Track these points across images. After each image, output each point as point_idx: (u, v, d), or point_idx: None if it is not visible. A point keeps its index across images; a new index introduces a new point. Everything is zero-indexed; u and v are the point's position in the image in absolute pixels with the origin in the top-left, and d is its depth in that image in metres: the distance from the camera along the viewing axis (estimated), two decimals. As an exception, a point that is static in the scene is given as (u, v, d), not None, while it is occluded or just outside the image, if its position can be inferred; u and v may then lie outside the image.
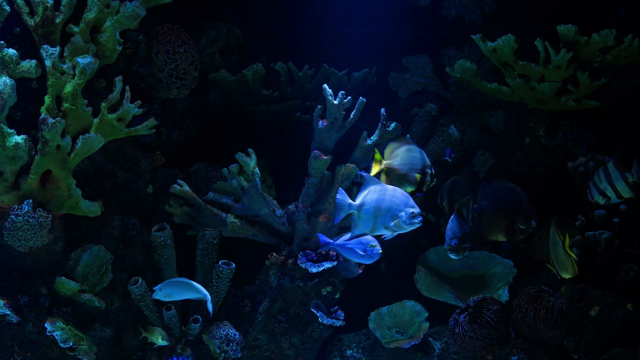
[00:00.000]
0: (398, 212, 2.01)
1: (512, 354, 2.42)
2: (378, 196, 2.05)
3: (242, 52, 3.14)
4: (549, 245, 2.43)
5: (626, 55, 2.37)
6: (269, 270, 2.73)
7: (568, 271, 2.36)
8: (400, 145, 2.30)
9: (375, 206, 2.04)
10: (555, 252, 2.39)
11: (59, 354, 2.23)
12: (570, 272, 2.36)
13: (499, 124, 3.17)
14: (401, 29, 3.38)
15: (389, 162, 2.27)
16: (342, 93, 2.45)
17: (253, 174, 2.55)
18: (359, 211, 2.07)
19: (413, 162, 2.27)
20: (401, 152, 2.29)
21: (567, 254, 2.33)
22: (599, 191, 2.33)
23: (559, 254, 2.36)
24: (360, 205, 2.06)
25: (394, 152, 2.30)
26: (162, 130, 2.77)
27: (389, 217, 2.03)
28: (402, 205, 2.02)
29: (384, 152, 2.33)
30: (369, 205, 2.05)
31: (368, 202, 2.05)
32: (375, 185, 2.07)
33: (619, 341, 2.34)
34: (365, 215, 2.06)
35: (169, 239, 2.46)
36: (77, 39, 2.11)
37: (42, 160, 2.02)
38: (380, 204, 2.04)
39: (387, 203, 2.03)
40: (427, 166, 2.28)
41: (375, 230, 2.08)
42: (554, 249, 2.40)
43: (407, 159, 2.27)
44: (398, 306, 2.84)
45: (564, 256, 2.34)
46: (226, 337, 2.51)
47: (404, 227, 2.04)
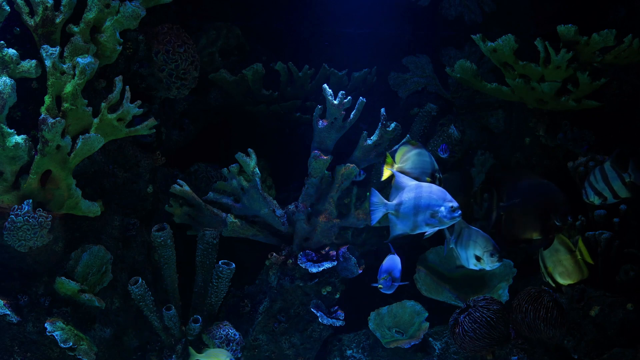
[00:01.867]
0: (437, 207, 2.01)
1: (512, 354, 2.42)
2: (415, 193, 2.04)
3: (242, 52, 3.14)
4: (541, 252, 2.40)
5: (626, 55, 2.37)
6: (269, 270, 2.73)
7: (572, 277, 2.34)
8: (411, 149, 2.32)
9: (414, 204, 2.04)
10: (556, 257, 2.36)
11: (59, 354, 2.23)
12: (574, 278, 2.34)
13: (499, 124, 3.17)
14: (401, 29, 3.38)
15: (401, 166, 2.28)
16: (342, 93, 2.46)
17: (253, 174, 2.55)
18: (396, 211, 2.06)
19: (424, 166, 2.29)
20: (412, 156, 2.30)
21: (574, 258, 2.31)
22: (595, 191, 2.32)
23: (562, 260, 2.34)
24: (398, 205, 2.05)
25: (405, 155, 2.31)
26: (162, 130, 2.77)
27: (429, 214, 2.02)
28: (441, 200, 2.02)
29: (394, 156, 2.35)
30: (408, 204, 2.04)
31: (406, 200, 2.04)
32: (410, 184, 2.07)
33: (619, 341, 2.34)
34: (404, 215, 2.05)
35: (169, 239, 2.46)
36: (77, 39, 2.11)
37: (42, 160, 2.02)
38: (419, 201, 2.03)
39: (426, 200, 2.03)
40: (436, 170, 2.30)
41: (416, 229, 2.08)
42: (552, 255, 2.37)
43: (418, 162, 2.29)
44: (398, 306, 2.84)
45: (569, 262, 2.33)
46: (226, 337, 2.51)
47: (445, 222, 2.04)
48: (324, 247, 2.71)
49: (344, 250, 2.71)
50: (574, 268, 2.32)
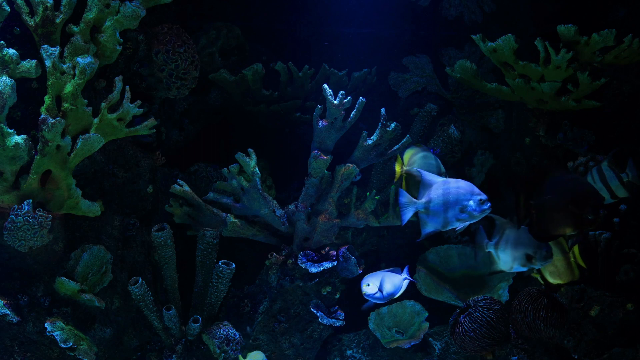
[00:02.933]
0: (467, 201, 2.02)
1: (512, 354, 2.42)
2: (443, 190, 2.05)
3: (242, 52, 3.14)
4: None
5: (626, 55, 2.37)
6: (269, 270, 2.73)
7: (562, 277, 2.34)
8: (417, 152, 2.33)
9: (443, 200, 2.04)
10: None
11: (59, 354, 2.23)
12: (564, 279, 2.35)
13: (499, 124, 3.17)
14: (401, 29, 3.38)
15: (409, 169, 2.29)
16: (342, 93, 2.46)
17: (253, 174, 2.55)
18: (426, 209, 2.06)
19: (429, 169, 2.30)
20: (418, 158, 2.32)
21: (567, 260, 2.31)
22: None
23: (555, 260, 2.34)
24: (427, 203, 2.05)
25: (412, 158, 2.33)
26: (162, 130, 2.77)
27: (459, 209, 2.03)
28: (469, 194, 2.03)
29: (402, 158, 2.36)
30: (437, 201, 2.05)
31: (434, 197, 2.05)
32: (436, 180, 2.08)
33: (619, 341, 2.34)
34: (434, 212, 2.06)
35: (169, 239, 2.46)
36: (77, 39, 2.11)
37: (42, 160, 2.02)
38: (448, 197, 2.04)
39: (454, 195, 2.04)
40: (442, 173, 2.30)
41: (447, 225, 2.09)
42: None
43: (424, 165, 2.31)
44: (398, 306, 2.84)
45: (562, 263, 2.33)
46: (226, 337, 2.51)
47: (476, 216, 2.05)
48: (324, 247, 2.71)
49: (344, 250, 2.71)
50: (566, 269, 2.32)
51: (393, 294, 2.48)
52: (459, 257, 3.01)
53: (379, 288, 2.45)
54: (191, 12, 3.03)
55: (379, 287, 2.45)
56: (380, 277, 2.48)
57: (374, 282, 2.48)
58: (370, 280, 2.50)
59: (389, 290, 2.46)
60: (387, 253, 3.24)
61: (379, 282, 2.45)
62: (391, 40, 3.39)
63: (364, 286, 2.49)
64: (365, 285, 2.49)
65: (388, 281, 2.47)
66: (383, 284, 2.44)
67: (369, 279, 2.51)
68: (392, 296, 2.49)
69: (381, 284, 2.44)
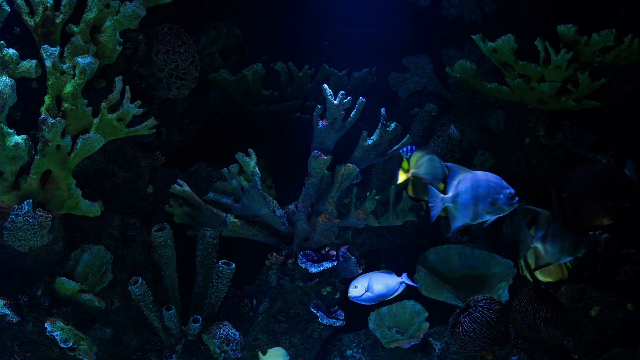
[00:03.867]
0: (497, 195, 2.02)
1: (512, 354, 2.42)
2: (472, 183, 2.05)
3: (242, 52, 3.14)
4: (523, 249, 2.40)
5: (626, 55, 2.37)
6: (269, 270, 2.73)
7: (551, 276, 2.34)
8: (423, 155, 2.33)
9: (472, 194, 2.04)
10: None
11: (59, 354, 2.23)
12: (553, 277, 2.35)
13: (499, 124, 3.17)
14: (401, 29, 3.38)
15: (416, 172, 2.29)
16: (342, 93, 2.46)
17: (253, 174, 2.55)
18: (454, 203, 2.05)
19: (435, 172, 2.31)
20: (425, 161, 2.32)
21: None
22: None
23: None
24: (455, 197, 2.05)
25: (419, 161, 2.33)
26: (162, 130, 2.77)
27: (489, 202, 2.02)
28: (499, 188, 2.03)
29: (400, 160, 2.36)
30: (466, 194, 2.05)
31: (463, 191, 2.05)
32: (464, 174, 2.07)
33: (619, 341, 2.34)
34: (463, 205, 2.05)
35: (169, 239, 2.46)
36: (77, 39, 2.11)
37: (42, 160, 2.02)
38: (477, 190, 2.04)
39: (484, 188, 2.04)
40: (445, 176, 2.31)
41: (477, 218, 2.08)
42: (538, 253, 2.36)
43: (430, 168, 2.31)
44: (398, 306, 2.84)
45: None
46: (226, 337, 2.51)
47: (505, 209, 2.05)
48: (324, 247, 2.71)
49: (344, 250, 2.71)
50: (556, 268, 2.32)
51: (384, 294, 2.44)
52: (459, 257, 3.01)
53: (367, 289, 2.42)
54: (191, 12, 3.03)
55: (367, 288, 2.42)
56: (368, 278, 2.46)
57: (362, 283, 2.45)
58: (358, 282, 2.46)
59: (380, 290, 2.43)
60: (387, 253, 3.24)
61: (367, 283, 2.43)
62: (391, 40, 3.39)
63: (351, 289, 2.44)
64: (353, 287, 2.45)
65: (378, 281, 2.45)
66: (371, 285, 2.41)
67: (356, 281, 2.47)
68: (383, 297, 2.46)
69: (369, 284, 2.41)
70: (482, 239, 3.15)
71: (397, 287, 2.47)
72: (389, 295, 2.45)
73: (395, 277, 2.50)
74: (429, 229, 3.24)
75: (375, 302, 2.48)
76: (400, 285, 2.48)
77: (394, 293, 2.46)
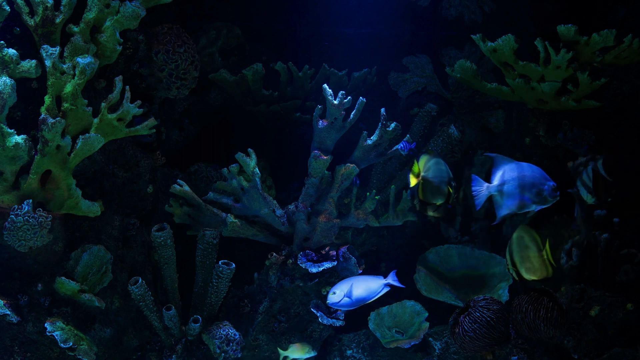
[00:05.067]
0: (542, 185, 2.03)
1: (512, 354, 2.42)
2: (518, 172, 2.06)
3: (242, 52, 3.14)
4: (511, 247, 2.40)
5: (626, 55, 2.37)
6: (269, 270, 2.73)
7: (536, 274, 2.35)
8: (430, 159, 2.34)
9: (519, 183, 2.05)
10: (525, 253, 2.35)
11: (59, 354, 2.23)
12: (538, 275, 2.35)
13: (499, 124, 3.17)
14: (401, 29, 3.38)
15: (425, 175, 2.31)
16: (342, 93, 2.46)
17: (253, 174, 2.55)
18: (500, 192, 2.06)
19: (442, 175, 2.32)
20: (432, 164, 2.33)
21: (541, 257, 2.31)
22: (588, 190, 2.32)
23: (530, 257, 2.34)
24: (501, 185, 2.05)
25: (427, 164, 2.34)
26: (162, 130, 2.77)
27: (535, 192, 2.03)
28: (543, 179, 2.05)
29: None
30: (512, 183, 2.06)
31: (509, 180, 2.06)
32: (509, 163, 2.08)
33: (619, 341, 2.34)
34: (510, 194, 2.06)
35: (169, 239, 2.46)
36: (77, 39, 2.11)
37: (42, 160, 2.02)
38: (523, 180, 2.05)
39: (530, 178, 2.05)
40: (450, 179, 2.33)
41: (523, 207, 2.09)
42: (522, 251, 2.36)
43: (437, 172, 2.33)
44: (398, 306, 2.84)
45: (537, 259, 2.33)
46: (226, 337, 2.51)
47: (549, 200, 2.06)
48: (324, 247, 2.71)
49: (344, 250, 2.71)
50: (540, 266, 2.32)
51: (364, 299, 2.41)
52: (459, 257, 3.01)
53: (346, 294, 2.39)
54: (191, 12, 3.03)
55: (346, 294, 2.39)
56: (350, 283, 2.41)
57: (341, 288, 2.41)
58: (338, 287, 2.42)
59: (360, 295, 2.40)
60: (387, 253, 3.24)
61: (348, 288, 2.40)
62: (391, 40, 3.39)
63: (330, 294, 2.41)
64: (331, 293, 2.41)
65: (359, 286, 2.41)
66: (352, 290, 2.39)
67: (336, 287, 2.43)
68: (363, 301, 2.41)
69: (350, 290, 2.39)
70: (482, 239, 3.15)
71: (380, 290, 2.44)
72: (370, 299, 2.43)
73: (378, 280, 2.46)
74: (429, 229, 3.24)
75: (355, 307, 2.45)
76: (384, 288, 2.45)
77: (376, 296, 2.44)
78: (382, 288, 2.44)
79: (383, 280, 2.45)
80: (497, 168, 2.10)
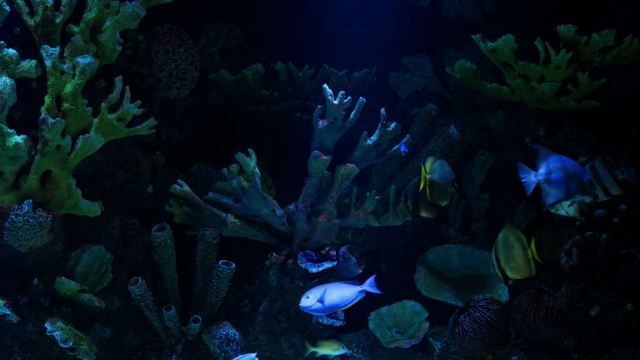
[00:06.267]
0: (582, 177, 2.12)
1: (512, 354, 2.42)
2: (561, 164, 2.13)
3: (242, 52, 3.14)
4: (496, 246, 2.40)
5: (626, 55, 2.37)
6: (269, 270, 2.73)
7: (520, 273, 2.34)
8: (435, 161, 2.37)
9: (564, 172, 2.11)
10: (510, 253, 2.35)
11: (59, 354, 2.23)
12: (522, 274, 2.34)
13: (499, 124, 3.17)
14: (401, 29, 3.38)
15: (432, 177, 2.33)
16: (342, 93, 2.45)
17: (253, 174, 2.55)
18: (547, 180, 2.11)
19: (446, 177, 2.34)
20: (437, 166, 2.36)
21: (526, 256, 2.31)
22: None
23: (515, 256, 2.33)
24: (548, 174, 2.11)
25: (432, 167, 2.37)
26: (162, 130, 2.77)
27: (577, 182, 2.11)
28: (582, 171, 2.14)
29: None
30: (558, 172, 2.12)
31: (555, 168, 2.12)
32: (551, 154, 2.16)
33: (619, 341, 2.34)
34: (557, 182, 2.12)
35: (169, 239, 2.46)
36: (77, 39, 2.11)
37: (42, 160, 2.02)
38: (567, 170, 2.12)
39: (572, 169, 2.13)
40: (453, 180, 2.35)
41: (569, 197, 2.15)
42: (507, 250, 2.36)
43: (442, 173, 2.35)
44: (398, 306, 2.84)
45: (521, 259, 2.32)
46: (226, 337, 2.51)
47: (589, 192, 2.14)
48: (324, 247, 2.71)
49: (344, 250, 2.71)
50: (525, 265, 2.32)
51: (338, 305, 2.37)
52: (459, 257, 3.02)
53: (319, 299, 2.36)
54: (191, 12, 3.03)
55: (319, 299, 2.36)
56: (324, 288, 2.37)
57: (314, 293, 2.37)
58: (312, 292, 2.38)
59: (333, 301, 2.36)
60: (387, 253, 3.24)
61: (321, 293, 2.35)
62: (391, 40, 3.39)
63: (303, 299, 2.37)
64: (304, 297, 2.37)
65: (333, 292, 2.37)
66: (325, 295, 2.36)
67: (310, 291, 2.39)
68: (336, 308, 2.37)
69: (323, 295, 2.36)
70: (482, 239, 3.16)
71: (355, 297, 2.41)
72: (344, 305, 2.41)
73: (353, 287, 2.40)
74: (429, 229, 3.24)
75: (326, 312, 2.42)
76: (359, 295, 2.41)
77: (350, 303, 2.42)
78: (356, 295, 2.39)
79: (359, 287, 2.40)
80: (542, 159, 2.17)
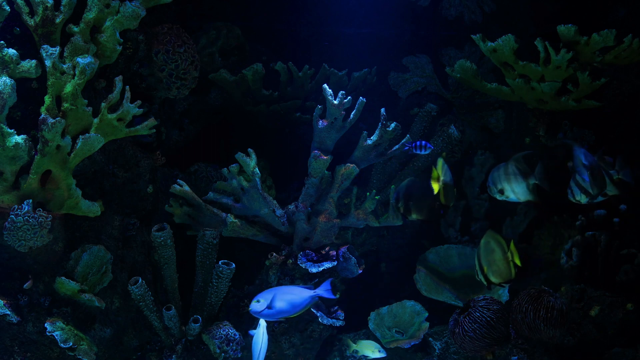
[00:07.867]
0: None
1: (512, 354, 2.42)
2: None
3: (242, 52, 3.14)
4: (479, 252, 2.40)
5: (626, 55, 2.37)
6: (269, 270, 2.73)
7: (502, 276, 2.35)
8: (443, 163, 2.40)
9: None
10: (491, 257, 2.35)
11: (59, 354, 2.23)
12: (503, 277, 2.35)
13: (499, 124, 3.17)
14: (401, 29, 3.38)
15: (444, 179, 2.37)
16: (342, 93, 2.46)
17: (253, 174, 2.55)
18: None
19: (449, 177, 2.36)
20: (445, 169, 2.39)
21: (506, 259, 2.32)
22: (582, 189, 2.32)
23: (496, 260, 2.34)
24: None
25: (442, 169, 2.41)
26: (162, 130, 2.77)
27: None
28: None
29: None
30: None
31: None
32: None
33: (619, 341, 2.35)
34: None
35: (169, 239, 2.46)
36: (77, 39, 2.11)
37: (42, 160, 2.02)
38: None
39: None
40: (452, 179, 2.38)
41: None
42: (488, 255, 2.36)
43: (449, 174, 2.37)
44: (398, 306, 2.84)
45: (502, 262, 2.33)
46: (226, 337, 2.51)
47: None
48: (324, 247, 2.71)
49: (344, 250, 2.71)
50: (505, 268, 2.33)
51: (287, 311, 2.29)
52: (459, 257, 3.02)
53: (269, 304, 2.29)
54: (191, 12, 3.03)
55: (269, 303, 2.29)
56: (273, 293, 2.30)
57: (265, 297, 2.29)
58: (262, 296, 2.30)
59: (281, 307, 2.27)
60: (387, 253, 3.24)
61: (271, 297, 2.27)
62: (391, 40, 3.39)
63: (254, 302, 2.28)
64: (255, 301, 2.28)
65: (282, 297, 2.29)
66: (274, 301, 2.30)
67: (261, 295, 2.31)
68: (287, 314, 2.30)
69: (272, 300, 2.28)
70: (482, 239, 3.15)
71: (306, 302, 2.35)
72: (295, 312, 2.34)
73: (306, 292, 2.33)
74: (429, 229, 3.24)
75: (277, 318, 2.35)
76: (311, 300, 2.33)
77: (301, 309, 2.35)
78: (308, 300, 2.33)
79: (312, 292, 2.34)
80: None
